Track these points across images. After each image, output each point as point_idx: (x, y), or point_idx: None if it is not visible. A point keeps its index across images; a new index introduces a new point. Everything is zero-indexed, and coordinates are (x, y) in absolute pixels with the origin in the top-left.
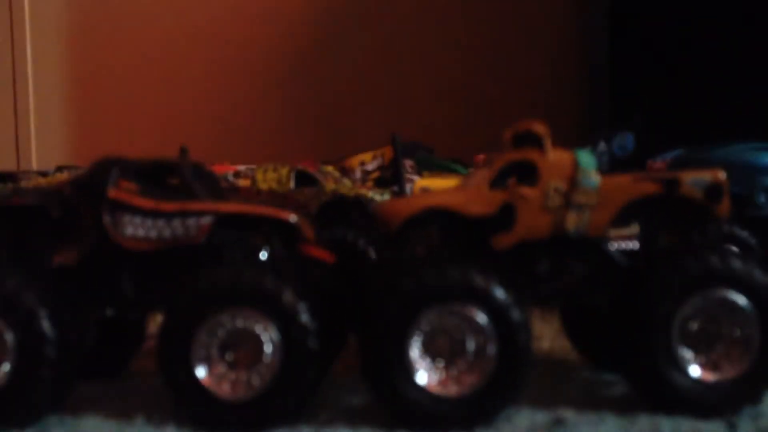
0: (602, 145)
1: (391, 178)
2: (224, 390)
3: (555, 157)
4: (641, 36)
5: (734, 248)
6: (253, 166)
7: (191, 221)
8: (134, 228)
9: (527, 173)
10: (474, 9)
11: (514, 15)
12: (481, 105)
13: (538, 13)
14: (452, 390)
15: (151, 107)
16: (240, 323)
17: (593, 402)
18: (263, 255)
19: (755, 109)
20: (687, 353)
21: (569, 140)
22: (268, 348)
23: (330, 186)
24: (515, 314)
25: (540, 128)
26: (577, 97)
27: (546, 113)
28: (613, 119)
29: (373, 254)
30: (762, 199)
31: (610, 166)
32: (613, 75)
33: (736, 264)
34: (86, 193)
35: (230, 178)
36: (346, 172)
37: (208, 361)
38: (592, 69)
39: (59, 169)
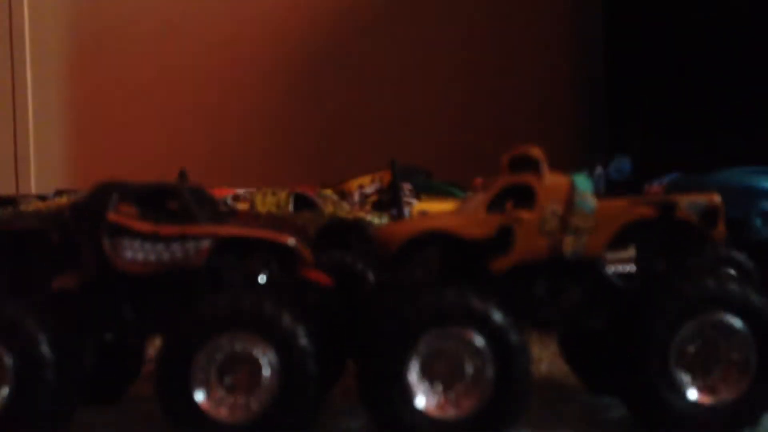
0: (599, 169)
1: (389, 201)
2: (222, 414)
3: (552, 181)
4: (639, 56)
5: (732, 272)
6: (252, 190)
7: (190, 245)
8: (133, 252)
9: (524, 197)
10: (471, 32)
11: (511, 38)
12: (478, 128)
13: (535, 35)
14: (451, 413)
15: (150, 130)
16: (239, 347)
17: (591, 425)
18: (262, 279)
19: (756, 131)
20: (684, 376)
21: (566, 163)
22: (266, 372)
23: (329, 209)
24: (513, 337)
25: (536, 152)
26: (574, 120)
27: (544, 137)
28: (610, 143)
29: (371, 278)
30: (758, 222)
31: (607, 190)
32: (611, 100)
33: (733, 287)
34: (86, 217)
35: (229, 201)
36: (344, 195)
37: (207, 385)
38: (590, 91)
39: (59, 193)
